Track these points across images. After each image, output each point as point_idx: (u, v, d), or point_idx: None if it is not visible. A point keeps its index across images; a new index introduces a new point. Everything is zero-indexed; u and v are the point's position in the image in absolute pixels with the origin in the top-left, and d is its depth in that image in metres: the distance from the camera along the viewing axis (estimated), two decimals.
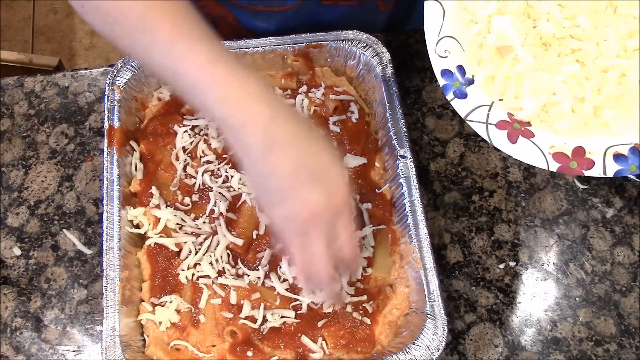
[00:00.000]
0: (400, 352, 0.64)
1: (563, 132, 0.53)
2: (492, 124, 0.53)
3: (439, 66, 0.55)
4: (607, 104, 0.52)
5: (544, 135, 0.53)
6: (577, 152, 0.52)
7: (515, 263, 0.77)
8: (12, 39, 2.06)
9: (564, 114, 0.53)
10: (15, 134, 0.86)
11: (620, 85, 0.51)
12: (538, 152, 0.52)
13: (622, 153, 0.51)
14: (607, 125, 0.52)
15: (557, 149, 0.52)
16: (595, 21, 0.52)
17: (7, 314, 0.75)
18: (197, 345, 0.67)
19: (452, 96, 0.54)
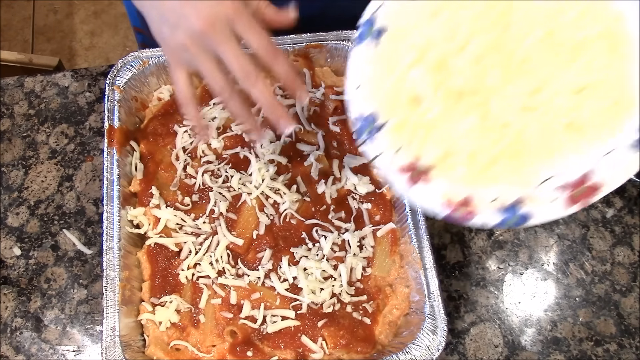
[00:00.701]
0: (400, 352, 0.64)
1: (460, 180, 0.55)
2: (393, 168, 0.56)
3: (355, 111, 0.59)
4: (502, 157, 0.54)
5: (440, 182, 0.56)
6: (465, 201, 0.54)
7: (515, 263, 0.77)
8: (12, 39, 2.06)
9: (461, 163, 0.56)
10: (15, 134, 0.86)
11: (517, 140, 0.54)
12: (431, 198, 0.55)
13: (503, 205, 0.53)
14: (500, 178, 0.54)
15: (447, 196, 0.55)
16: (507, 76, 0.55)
17: (7, 314, 0.75)
18: (197, 345, 0.67)
19: (363, 139, 0.58)
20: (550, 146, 0.53)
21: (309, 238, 0.72)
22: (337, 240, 0.71)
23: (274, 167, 0.74)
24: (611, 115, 0.52)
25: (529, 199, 0.53)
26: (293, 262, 0.70)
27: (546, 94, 0.53)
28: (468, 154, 0.55)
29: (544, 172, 0.53)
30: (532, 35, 0.55)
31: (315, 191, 0.74)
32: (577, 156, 0.52)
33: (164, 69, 0.79)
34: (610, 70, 0.52)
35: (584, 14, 0.54)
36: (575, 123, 0.53)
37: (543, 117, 0.53)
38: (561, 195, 0.52)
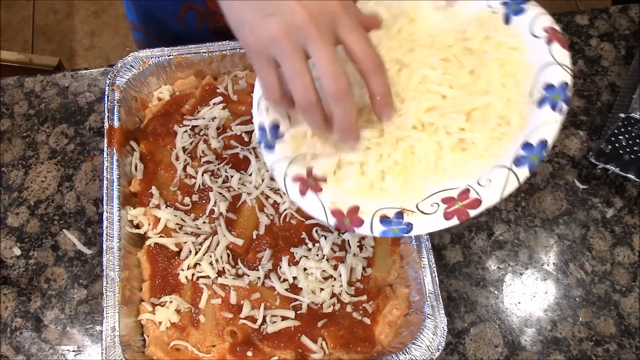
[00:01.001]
0: (400, 352, 0.64)
1: (349, 191, 0.58)
2: (288, 177, 0.59)
3: (257, 121, 0.62)
4: (391, 171, 0.57)
5: (330, 192, 0.58)
6: (352, 210, 0.57)
7: (515, 263, 0.77)
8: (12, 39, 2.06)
9: (351, 175, 0.58)
10: (15, 134, 0.86)
11: (407, 155, 0.56)
12: (320, 206, 0.58)
13: (387, 216, 0.56)
14: (388, 191, 0.57)
15: (336, 205, 0.57)
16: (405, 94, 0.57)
17: (7, 314, 0.75)
18: (197, 345, 0.67)
19: (262, 148, 0.61)
20: (437, 162, 0.56)
21: (309, 238, 0.72)
22: (337, 240, 0.71)
23: None
24: (495, 137, 0.55)
25: (409, 211, 0.56)
26: (293, 262, 0.70)
27: (437, 113, 0.56)
28: (359, 165, 0.58)
29: (430, 187, 0.56)
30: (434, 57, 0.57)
31: None
32: (461, 172, 0.55)
33: (164, 69, 0.79)
34: (502, 93, 0.56)
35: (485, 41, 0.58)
36: (464, 142, 0.56)
37: (434, 135, 0.56)
38: (440, 209, 0.55)
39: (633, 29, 0.91)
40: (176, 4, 0.85)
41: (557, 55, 0.55)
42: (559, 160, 0.83)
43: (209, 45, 0.79)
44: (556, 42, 0.56)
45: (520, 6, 0.58)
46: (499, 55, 0.57)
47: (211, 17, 0.85)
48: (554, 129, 0.53)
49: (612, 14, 0.92)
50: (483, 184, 0.54)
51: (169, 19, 0.87)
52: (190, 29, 0.88)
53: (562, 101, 0.54)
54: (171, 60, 0.79)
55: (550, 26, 0.57)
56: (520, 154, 0.53)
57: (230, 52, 0.79)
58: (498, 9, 0.59)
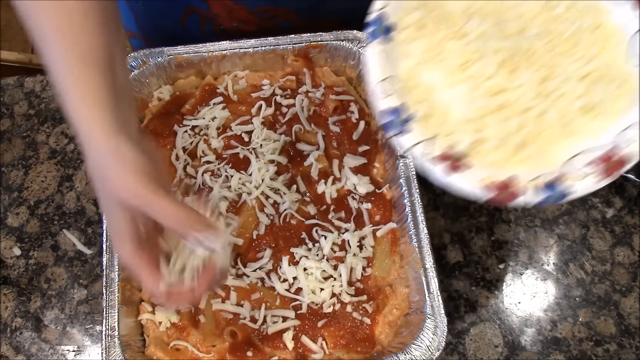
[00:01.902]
0: (400, 352, 0.64)
1: (494, 164, 0.58)
2: (429, 159, 0.58)
3: (382, 104, 0.60)
4: (529, 140, 0.57)
5: (476, 168, 0.58)
6: (505, 183, 0.56)
7: (515, 263, 0.77)
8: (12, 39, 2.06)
9: (493, 149, 0.58)
10: (15, 134, 0.86)
11: (539, 123, 0.57)
12: (470, 184, 0.57)
13: (542, 184, 0.56)
14: (531, 159, 0.57)
15: (486, 181, 0.57)
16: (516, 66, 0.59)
17: (7, 314, 0.75)
18: (197, 345, 0.67)
19: (392, 134, 0.59)
20: (571, 127, 0.57)
21: (309, 238, 0.72)
22: (337, 240, 0.71)
23: (274, 167, 0.74)
24: (618, 97, 0.57)
25: (563, 177, 0.56)
26: (293, 262, 0.70)
27: (555, 82, 0.57)
28: (498, 139, 0.58)
29: (570, 152, 0.57)
30: (529, 31, 0.59)
31: (315, 191, 0.74)
32: (595, 134, 0.57)
33: (164, 69, 0.79)
34: (605, 59, 0.58)
35: (570, 8, 0.59)
36: (588, 105, 0.57)
37: (558, 102, 0.57)
38: (592, 170, 0.55)
39: None
40: (178, 8, 0.85)
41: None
42: None
43: (209, 45, 0.79)
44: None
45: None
46: (589, 21, 0.58)
47: (214, 20, 0.85)
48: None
49: None
50: (623, 144, 0.55)
51: (171, 25, 0.87)
52: (192, 33, 0.87)
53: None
54: (171, 60, 0.79)
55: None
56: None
57: (230, 52, 0.79)
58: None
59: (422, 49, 0.61)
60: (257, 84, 0.81)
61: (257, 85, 0.81)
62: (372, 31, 0.60)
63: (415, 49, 0.61)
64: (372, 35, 0.60)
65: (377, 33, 0.61)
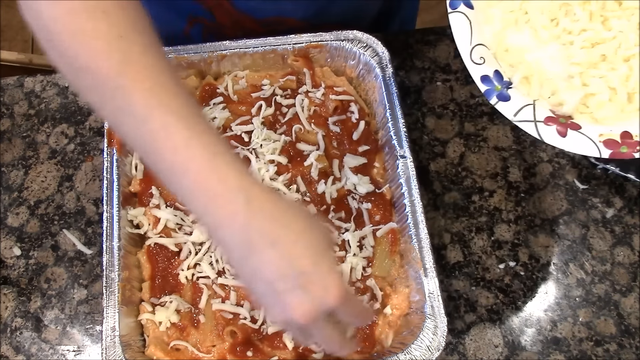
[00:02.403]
0: (400, 352, 0.64)
1: (604, 120, 0.55)
2: (540, 122, 0.55)
3: (478, 73, 0.58)
4: (636, 90, 0.55)
5: (589, 126, 0.55)
6: (624, 136, 0.54)
7: (515, 263, 0.77)
8: (12, 39, 2.06)
9: (603, 103, 0.55)
10: (15, 134, 0.86)
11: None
12: (589, 141, 0.54)
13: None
14: None
15: (605, 136, 0.54)
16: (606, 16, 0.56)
17: (7, 314, 0.75)
18: (197, 345, 0.67)
19: (496, 100, 0.57)
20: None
21: None
22: (337, 240, 0.71)
23: (274, 167, 0.74)
24: None
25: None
26: None
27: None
28: (606, 93, 0.55)
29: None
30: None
31: (315, 191, 0.74)
32: None
33: None
34: None
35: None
36: None
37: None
38: None
39: None
40: (182, 19, 0.84)
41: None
42: (559, 160, 0.83)
43: (209, 46, 0.79)
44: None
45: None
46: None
47: (218, 31, 0.84)
48: None
49: None
50: None
51: (174, 36, 0.86)
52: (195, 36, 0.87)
53: None
54: (171, 61, 0.79)
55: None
56: None
57: (230, 52, 0.79)
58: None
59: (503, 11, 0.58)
60: (257, 84, 0.81)
61: (257, 85, 0.81)
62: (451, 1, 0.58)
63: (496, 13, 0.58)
64: (451, 4, 0.58)
65: (456, 2, 0.58)
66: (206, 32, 0.86)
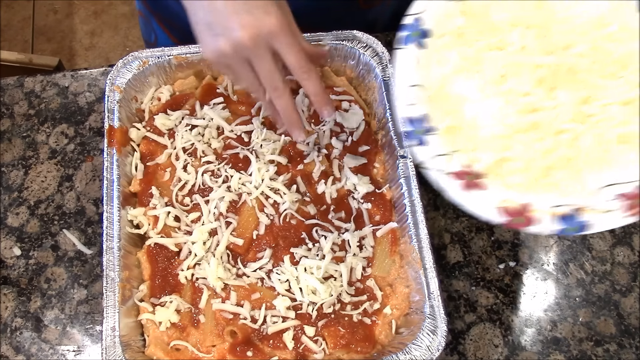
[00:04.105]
0: (400, 352, 0.64)
1: (514, 187, 0.55)
2: (448, 173, 0.55)
3: (404, 113, 0.57)
4: (557, 165, 0.54)
5: (495, 189, 0.55)
6: (523, 208, 0.53)
7: (515, 263, 0.77)
8: (12, 39, 2.06)
9: (517, 170, 0.55)
10: (15, 134, 0.86)
11: (572, 148, 0.54)
12: (487, 205, 0.54)
13: (563, 214, 0.52)
14: (556, 185, 0.54)
15: (506, 203, 0.54)
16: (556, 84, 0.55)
17: (7, 314, 0.75)
18: (197, 345, 0.67)
19: (412, 143, 0.56)
20: (604, 156, 0.53)
21: (309, 238, 0.72)
22: (337, 240, 0.71)
23: (274, 167, 0.74)
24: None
25: (587, 208, 0.52)
26: (293, 262, 0.70)
27: (596, 105, 0.54)
28: (524, 161, 0.54)
29: (601, 181, 0.53)
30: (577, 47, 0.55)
31: (315, 191, 0.74)
32: (629, 165, 0.53)
33: (164, 69, 0.79)
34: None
35: (625, 27, 0.55)
36: (628, 135, 0.53)
37: (595, 127, 0.53)
38: (618, 205, 0.52)
39: None
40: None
41: None
42: None
43: None
44: None
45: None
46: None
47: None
48: None
49: None
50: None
51: None
52: None
53: None
54: (171, 60, 0.79)
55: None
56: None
57: None
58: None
59: (459, 57, 0.58)
60: None
61: None
62: (407, 36, 0.58)
63: (452, 56, 0.58)
64: (405, 39, 0.58)
65: (411, 38, 0.58)
66: None
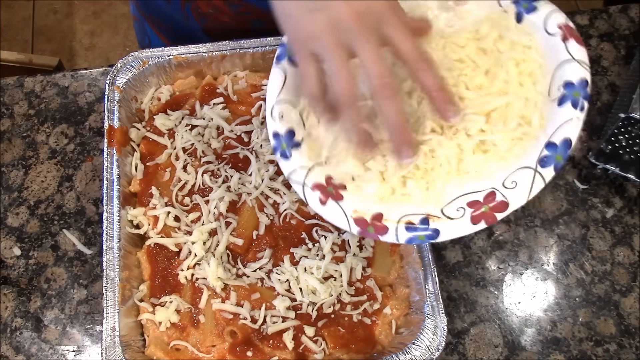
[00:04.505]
0: (400, 352, 0.64)
1: (371, 198, 0.56)
2: (307, 185, 0.57)
3: (272, 128, 0.60)
4: (413, 176, 0.56)
5: (352, 199, 0.57)
6: (375, 218, 0.55)
7: (515, 263, 0.77)
8: (12, 39, 2.06)
9: (372, 180, 0.57)
10: (15, 134, 0.86)
11: (429, 158, 0.55)
12: (343, 215, 0.56)
13: (413, 222, 0.54)
14: (410, 196, 0.56)
15: (359, 213, 0.56)
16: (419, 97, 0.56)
17: (7, 314, 0.75)
18: (197, 345, 0.67)
19: (278, 156, 0.59)
20: (458, 165, 0.55)
21: (309, 238, 0.72)
22: (337, 240, 0.71)
23: (274, 167, 0.74)
24: (516, 137, 0.55)
25: (437, 217, 0.54)
26: (293, 262, 0.70)
27: None
28: (379, 172, 0.56)
29: (453, 191, 0.55)
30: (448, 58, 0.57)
31: None
32: (484, 175, 0.55)
33: (164, 69, 0.79)
34: (520, 93, 0.55)
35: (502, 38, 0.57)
36: (485, 144, 0.55)
37: (454, 138, 0.55)
38: (466, 213, 0.54)
39: (633, 29, 0.91)
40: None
41: (574, 52, 0.55)
42: None
43: (209, 46, 0.79)
44: (572, 39, 0.55)
45: (532, 4, 0.57)
46: (514, 55, 0.56)
47: (193, 1, 0.84)
48: (577, 127, 0.53)
49: (612, 14, 0.92)
50: (509, 186, 0.53)
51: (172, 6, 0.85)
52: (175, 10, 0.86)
53: (583, 98, 0.53)
54: (171, 60, 0.79)
55: (564, 23, 0.56)
56: (544, 154, 0.53)
57: (230, 52, 0.79)
58: (509, 8, 0.59)
59: None
60: (257, 84, 0.81)
61: (257, 85, 0.81)
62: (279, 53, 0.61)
63: None
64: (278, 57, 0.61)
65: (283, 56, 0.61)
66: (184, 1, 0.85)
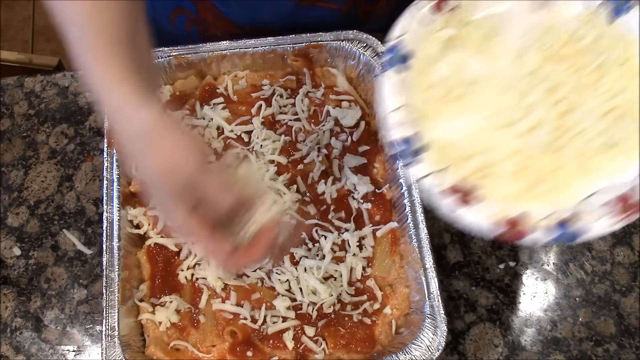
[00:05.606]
0: (400, 352, 0.64)
1: (506, 200, 0.56)
2: (442, 190, 0.56)
3: (392, 135, 0.58)
4: (544, 178, 0.56)
5: (488, 202, 0.56)
6: (516, 220, 0.55)
7: (515, 263, 0.77)
8: (12, 39, 2.06)
9: (505, 184, 0.56)
10: (15, 134, 0.86)
11: (556, 159, 0.55)
12: (479, 219, 0.55)
13: (555, 223, 0.54)
14: (544, 196, 0.55)
15: (497, 216, 0.55)
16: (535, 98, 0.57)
17: (7, 314, 0.75)
18: (197, 345, 0.67)
19: (406, 162, 0.57)
20: (589, 165, 0.55)
21: (309, 238, 0.72)
22: (337, 240, 0.71)
23: (274, 167, 0.74)
24: None
25: (578, 217, 0.54)
26: (293, 262, 0.70)
27: (576, 117, 0.56)
28: (512, 173, 0.56)
29: (586, 190, 0.55)
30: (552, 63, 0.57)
31: (315, 191, 0.74)
32: (614, 173, 0.55)
33: (164, 69, 0.79)
34: (631, 95, 0.56)
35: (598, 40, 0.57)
36: (609, 143, 0.55)
37: (577, 138, 0.55)
38: (607, 212, 0.53)
39: None
40: (168, 5, 0.85)
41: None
42: None
43: (209, 45, 0.79)
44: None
45: (625, 5, 0.57)
46: (616, 54, 0.56)
47: (200, 25, 0.85)
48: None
49: None
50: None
51: (161, 20, 0.87)
52: (179, 32, 0.87)
53: None
54: (171, 60, 0.79)
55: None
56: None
57: (230, 52, 0.79)
58: (598, 9, 0.59)
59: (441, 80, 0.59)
60: (257, 84, 0.81)
61: (257, 85, 0.81)
62: (389, 59, 0.59)
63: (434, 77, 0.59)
64: (388, 63, 0.59)
65: (393, 61, 0.59)
66: (189, 24, 0.86)
